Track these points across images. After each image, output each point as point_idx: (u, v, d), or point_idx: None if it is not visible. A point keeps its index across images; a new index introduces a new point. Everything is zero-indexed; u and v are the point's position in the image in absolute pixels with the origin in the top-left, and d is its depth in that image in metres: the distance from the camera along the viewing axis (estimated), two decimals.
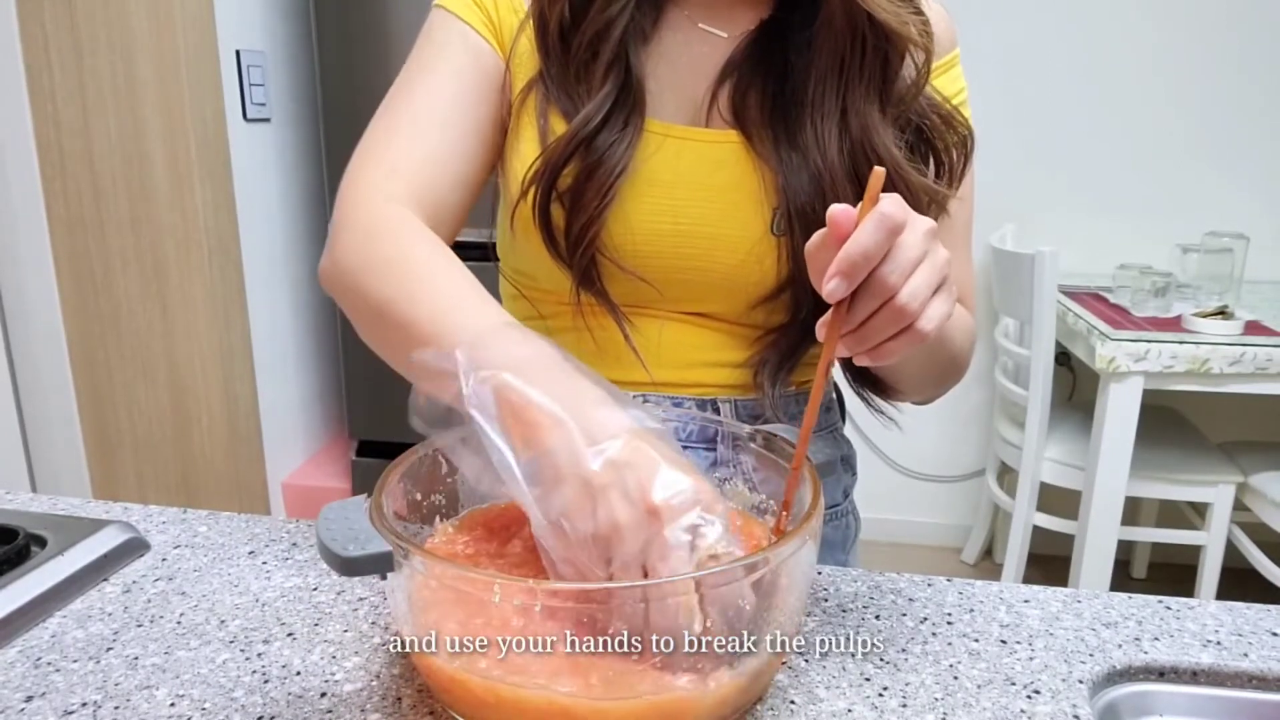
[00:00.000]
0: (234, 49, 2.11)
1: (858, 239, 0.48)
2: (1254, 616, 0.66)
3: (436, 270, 0.62)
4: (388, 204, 0.67)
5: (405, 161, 0.69)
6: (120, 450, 2.20)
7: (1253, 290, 2.35)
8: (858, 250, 0.48)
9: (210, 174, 2.04)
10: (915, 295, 0.50)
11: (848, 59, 0.69)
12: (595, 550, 0.47)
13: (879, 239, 0.48)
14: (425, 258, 0.63)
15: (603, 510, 0.46)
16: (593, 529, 0.46)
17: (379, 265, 0.64)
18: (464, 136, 0.72)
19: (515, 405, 0.49)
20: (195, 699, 0.54)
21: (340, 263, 0.66)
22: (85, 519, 0.73)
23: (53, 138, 2.00)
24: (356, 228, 0.66)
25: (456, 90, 0.72)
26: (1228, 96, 2.43)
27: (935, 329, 0.52)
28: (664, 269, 0.73)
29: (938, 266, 0.52)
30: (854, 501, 0.89)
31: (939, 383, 0.79)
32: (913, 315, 0.50)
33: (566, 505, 0.47)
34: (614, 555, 0.46)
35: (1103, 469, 2.03)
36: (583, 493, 0.47)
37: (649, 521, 0.45)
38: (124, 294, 2.09)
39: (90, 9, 1.92)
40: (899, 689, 0.56)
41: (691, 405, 0.76)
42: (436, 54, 0.73)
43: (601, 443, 0.47)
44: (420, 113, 0.71)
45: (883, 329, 0.51)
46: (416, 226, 0.66)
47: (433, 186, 0.70)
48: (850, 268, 0.49)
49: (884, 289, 0.50)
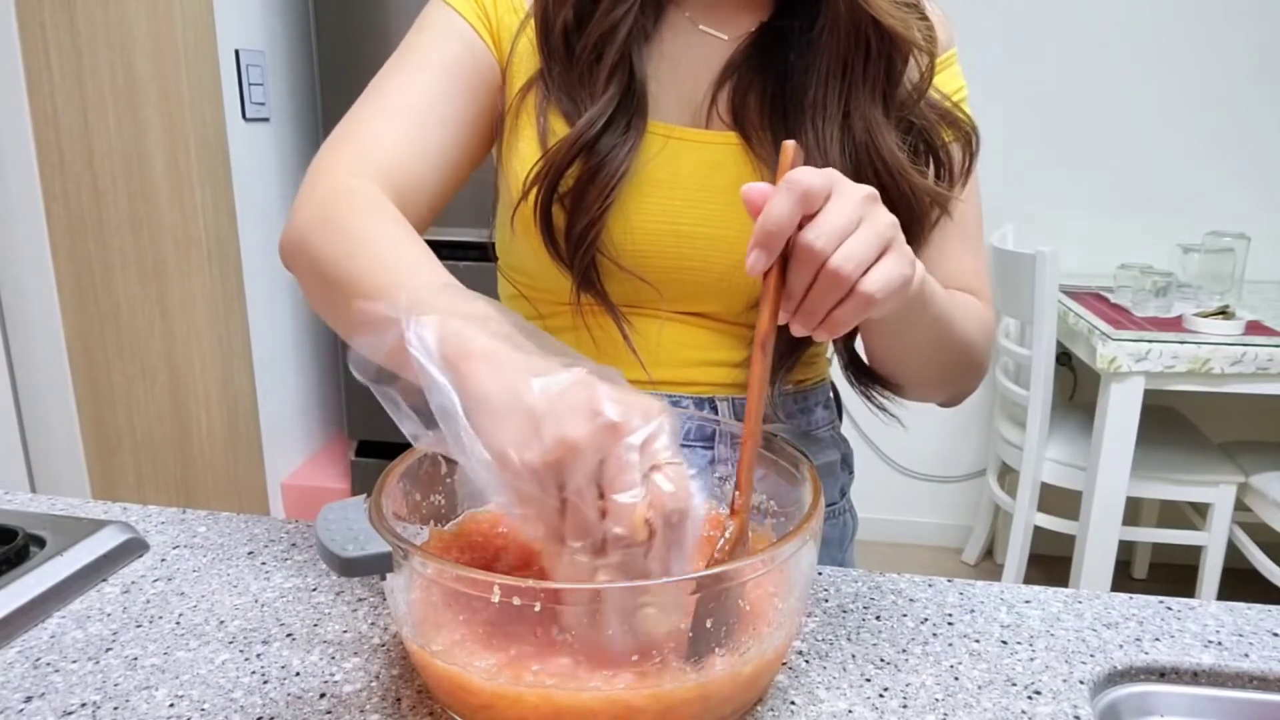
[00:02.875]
0: (233, 49, 2.11)
1: (767, 209, 0.49)
2: (1255, 617, 0.66)
3: (385, 235, 0.61)
4: (351, 178, 0.66)
5: (378, 141, 0.69)
6: (119, 450, 2.20)
7: (1254, 290, 2.35)
8: (769, 220, 0.49)
9: (210, 174, 2.04)
10: (849, 258, 0.50)
11: (851, 62, 0.69)
12: (546, 476, 0.44)
13: (788, 205, 0.49)
14: (376, 225, 0.62)
15: (550, 435, 0.43)
16: (540, 454, 0.43)
17: (332, 232, 0.63)
18: (443, 123, 0.71)
19: (456, 347, 0.47)
20: (194, 699, 0.54)
21: (296, 232, 0.66)
22: (84, 519, 0.73)
23: (53, 138, 2.00)
24: (315, 199, 0.66)
25: (442, 79, 0.71)
26: (1229, 96, 2.43)
27: (881, 289, 0.51)
28: (663, 269, 0.73)
29: (878, 230, 0.51)
30: (851, 500, 0.89)
31: (951, 375, 0.77)
32: (849, 278, 0.50)
33: (512, 436, 0.44)
34: (568, 477, 0.44)
35: (1103, 469, 2.03)
36: (527, 423, 0.44)
37: (600, 434, 0.43)
38: (124, 294, 2.09)
39: (90, 9, 1.92)
40: (899, 689, 0.56)
41: (690, 404, 0.76)
42: (426, 43, 0.73)
43: (548, 377, 0.45)
44: (401, 96, 0.71)
45: (824, 298, 0.51)
46: (375, 199, 0.65)
47: (404, 167, 0.69)
48: (765, 238, 0.49)
49: (811, 255, 0.50)
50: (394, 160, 0.69)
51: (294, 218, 0.67)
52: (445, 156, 0.72)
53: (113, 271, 2.07)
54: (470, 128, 0.73)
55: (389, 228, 0.62)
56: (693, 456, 0.70)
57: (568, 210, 0.70)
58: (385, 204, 0.65)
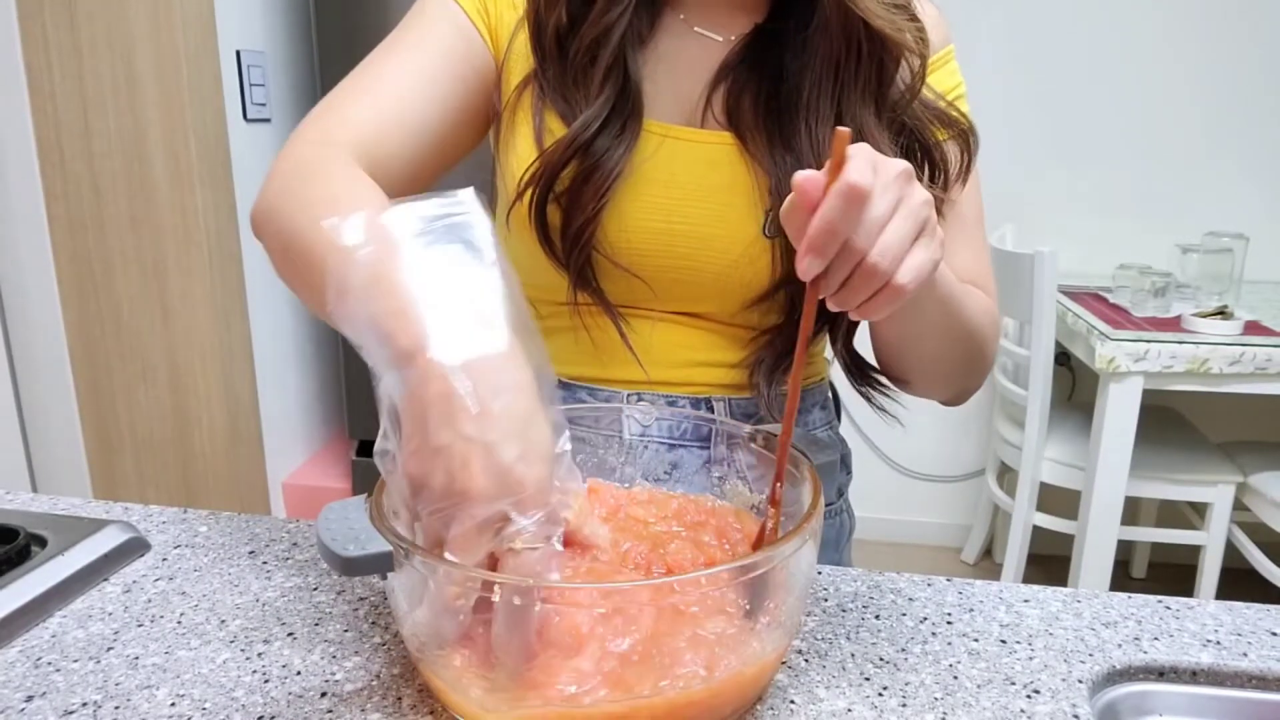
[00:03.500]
0: (234, 49, 2.11)
1: (824, 215, 0.47)
2: (1253, 616, 0.66)
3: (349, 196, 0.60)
4: (322, 147, 0.66)
5: (359, 115, 0.69)
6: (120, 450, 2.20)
7: (1252, 290, 2.35)
8: (825, 226, 0.47)
9: (210, 174, 2.04)
10: (885, 252, 0.49)
11: (843, 64, 0.69)
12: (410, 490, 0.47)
13: (845, 211, 0.47)
14: (341, 188, 0.61)
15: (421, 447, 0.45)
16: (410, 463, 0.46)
17: (296, 198, 0.62)
18: (428, 102, 0.71)
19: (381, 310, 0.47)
20: (195, 699, 0.54)
21: (263, 200, 0.65)
22: (85, 519, 0.73)
23: (53, 138, 2.00)
24: (288, 167, 0.65)
25: (429, 61, 0.71)
26: (1228, 96, 2.43)
27: (915, 280, 0.51)
28: (657, 268, 0.73)
29: (913, 212, 0.50)
30: (849, 499, 0.89)
31: (959, 369, 0.76)
32: (886, 273, 0.50)
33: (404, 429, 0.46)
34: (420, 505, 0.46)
35: (1102, 469, 2.03)
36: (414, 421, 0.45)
37: (454, 497, 0.45)
38: (124, 294, 2.09)
39: (90, 9, 1.92)
40: (899, 689, 0.56)
41: (686, 404, 0.77)
42: (420, 28, 0.73)
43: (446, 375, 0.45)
44: (388, 74, 0.71)
45: (860, 290, 0.51)
46: (349, 170, 0.64)
47: (381, 143, 0.68)
48: (820, 246, 0.48)
49: (853, 255, 0.49)
50: (370, 134, 0.68)
51: (264, 187, 0.66)
52: (424, 133, 0.71)
53: (113, 271, 2.07)
54: (454, 114, 0.73)
55: (357, 191, 0.61)
56: (689, 456, 0.70)
57: (563, 209, 0.71)
58: (356, 172, 0.64)
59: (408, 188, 0.72)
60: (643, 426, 0.70)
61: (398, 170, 0.70)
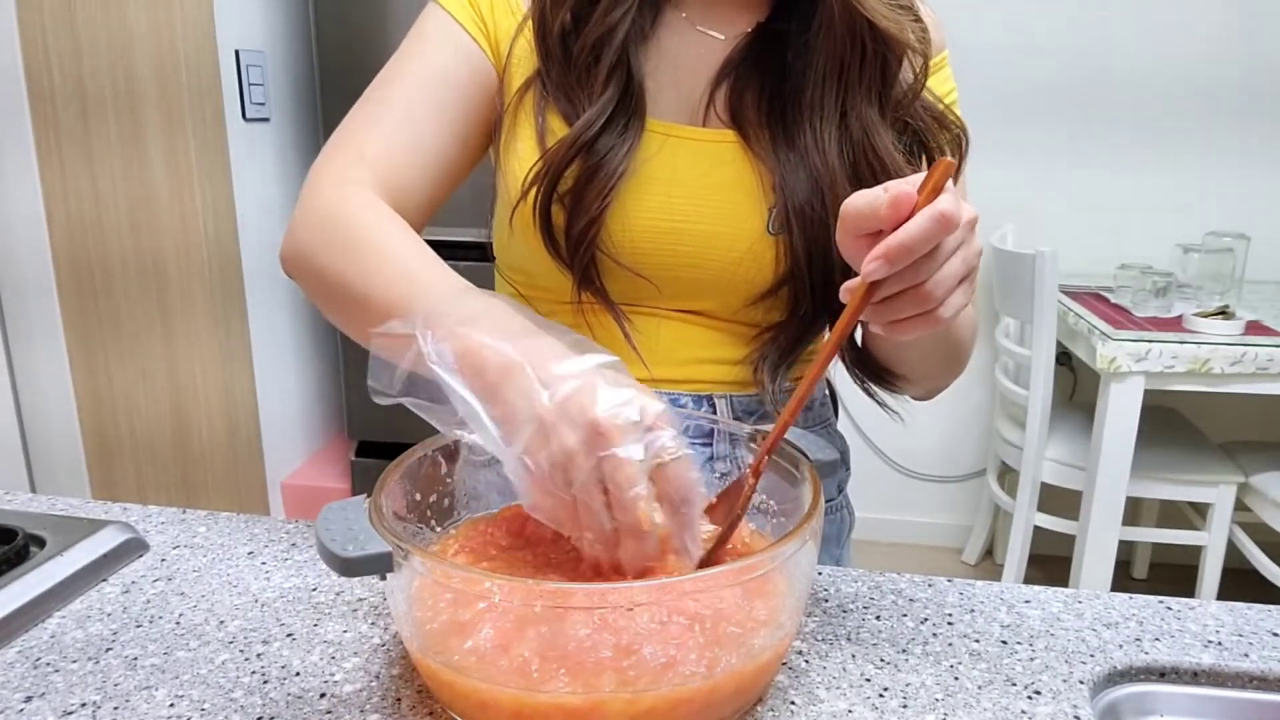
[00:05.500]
0: (233, 49, 2.11)
1: (912, 231, 0.48)
2: (1255, 617, 0.66)
3: (391, 244, 0.63)
4: (348, 186, 0.68)
5: (374, 148, 0.70)
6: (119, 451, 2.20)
7: (1254, 290, 2.35)
8: (909, 241, 0.48)
9: (209, 174, 2.04)
10: (940, 283, 0.51)
11: (847, 63, 0.69)
12: (558, 479, 0.48)
13: (931, 235, 0.48)
14: (382, 235, 0.64)
15: (555, 442, 0.48)
16: (548, 459, 0.48)
17: (336, 245, 0.65)
18: (439, 128, 0.72)
19: (473, 361, 0.50)
20: (194, 699, 0.54)
21: (299, 245, 0.67)
22: (84, 519, 0.73)
23: (53, 139, 2.00)
24: (315, 210, 0.67)
25: (437, 85, 0.72)
26: (1228, 96, 2.42)
27: (952, 317, 0.53)
28: (661, 265, 0.73)
29: (969, 258, 0.52)
30: (848, 496, 0.89)
31: (942, 370, 0.79)
32: (935, 302, 0.51)
33: (527, 444, 0.48)
34: (572, 477, 0.48)
35: (1103, 469, 2.03)
36: (538, 431, 0.48)
37: (596, 441, 0.47)
38: (124, 295, 2.09)
39: (90, 9, 1.92)
40: (899, 689, 0.56)
41: (688, 402, 0.77)
42: (422, 48, 0.73)
43: (554, 386, 0.49)
44: (397, 102, 0.71)
45: (903, 309, 0.52)
46: (376, 207, 0.66)
47: (400, 174, 0.70)
48: (897, 256, 0.49)
49: (915, 275, 0.50)
50: (388, 167, 0.70)
51: (293, 230, 0.68)
52: (439, 161, 0.73)
53: (113, 272, 2.07)
54: (464, 132, 0.74)
55: (394, 235, 0.64)
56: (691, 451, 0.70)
57: (567, 209, 0.71)
58: (382, 209, 0.66)
59: (430, 210, 0.75)
60: None
61: (417, 197, 0.72)
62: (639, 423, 0.48)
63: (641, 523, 0.48)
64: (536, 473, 0.49)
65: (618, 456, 0.47)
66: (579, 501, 0.48)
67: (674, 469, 0.49)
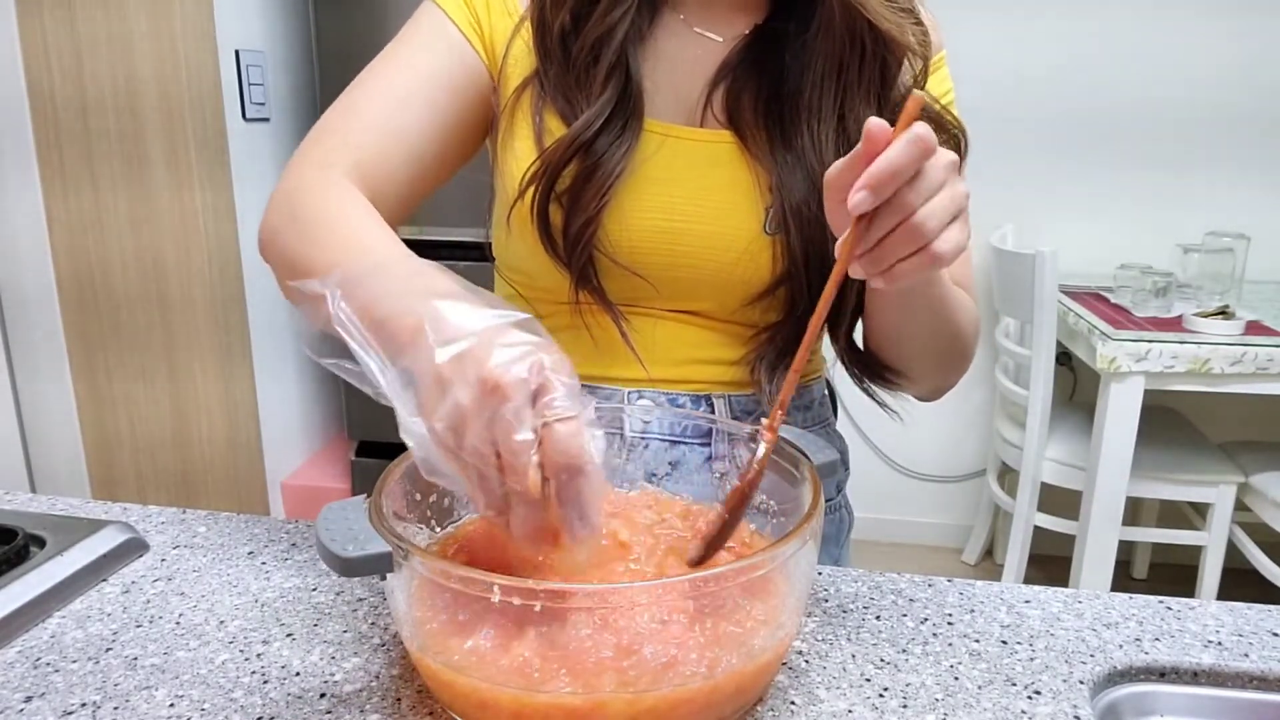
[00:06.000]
0: (233, 49, 2.11)
1: (890, 155, 0.49)
2: (1255, 617, 0.66)
3: (346, 221, 0.63)
4: (323, 170, 0.68)
5: (355, 136, 0.70)
6: (119, 451, 2.20)
7: (1254, 290, 2.35)
8: (890, 166, 0.49)
9: (209, 174, 2.04)
10: (932, 214, 0.51)
11: (846, 65, 0.69)
12: (450, 440, 0.46)
13: (911, 157, 0.49)
14: (339, 214, 0.64)
15: (449, 399, 0.46)
16: (442, 421, 0.46)
17: (297, 221, 0.65)
18: (421, 121, 0.72)
19: (375, 318, 0.49)
20: (194, 699, 0.54)
21: (266, 223, 0.68)
22: (84, 519, 0.73)
23: (53, 138, 2.00)
24: (285, 192, 0.68)
25: (424, 78, 0.72)
26: (1228, 96, 2.42)
27: (951, 252, 0.52)
28: (658, 266, 0.73)
29: (957, 196, 0.52)
30: (847, 496, 0.89)
31: (943, 364, 0.78)
32: (929, 235, 0.51)
33: (422, 403, 0.47)
34: (463, 440, 0.46)
35: (1103, 469, 2.02)
36: (434, 388, 0.47)
37: (488, 399, 0.45)
38: (124, 294, 2.09)
39: (90, 9, 1.92)
40: (899, 689, 0.56)
41: (686, 402, 0.77)
42: (414, 44, 0.74)
43: (450, 341, 0.47)
44: (381, 92, 0.72)
45: (898, 248, 0.52)
46: (342, 189, 0.66)
47: (378, 162, 0.70)
48: (879, 182, 0.49)
49: (904, 207, 0.50)
50: (367, 154, 0.70)
51: (266, 212, 0.69)
52: (421, 154, 0.72)
53: (112, 271, 2.07)
54: (451, 129, 0.74)
55: (348, 213, 0.64)
56: (690, 454, 0.70)
57: (565, 209, 0.71)
58: (351, 192, 0.66)
59: (409, 202, 0.74)
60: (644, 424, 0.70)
61: (398, 187, 0.72)
62: (529, 379, 0.45)
63: (530, 489, 0.45)
64: (432, 435, 0.47)
65: (507, 418, 0.45)
66: (470, 466, 0.46)
67: (559, 431, 0.45)
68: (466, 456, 0.46)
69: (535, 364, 0.46)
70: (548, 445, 0.45)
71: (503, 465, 0.45)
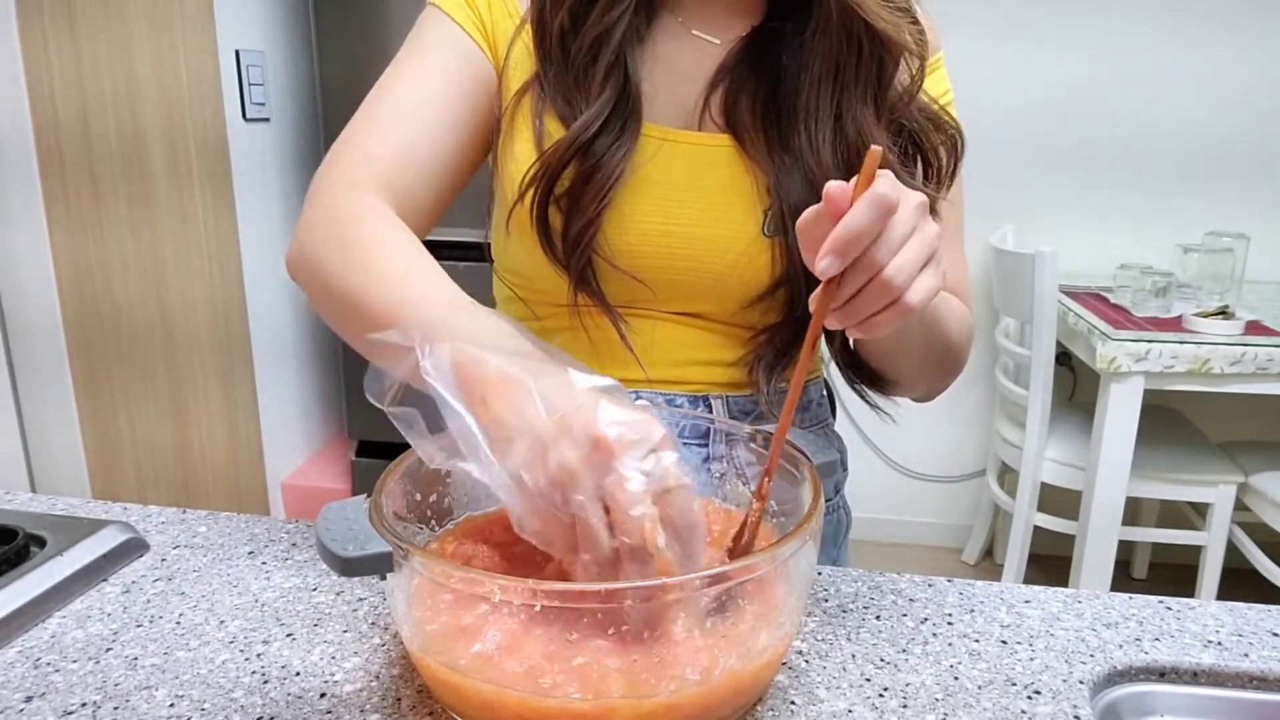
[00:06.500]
0: (233, 49, 2.11)
1: (852, 219, 0.49)
2: (1255, 617, 0.66)
3: (392, 250, 0.63)
4: (353, 190, 0.68)
5: (378, 151, 0.70)
6: (120, 451, 2.20)
7: (1253, 290, 2.35)
8: (852, 230, 0.49)
9: (210, 174, 2.04)
10: (901, 269, 0.51)
11: (843, 65, 0.69)
12: (555, 496, 0.47)
13: (873, 219, 0.49)
14: (382, 238, 0.64)
15: (554, 457, 0.47)
16: (545, 475, 0.47)
17: (337, 248, 0.64)
18: (441, 130, 0.72)
19: (471, 373, 0.50)
20: (195, 699, 0.54)
21: (302, 248, 0.67)
22: (84, 519, 0.73)
23: (53, 138, 2.00)
24: (319, 214, 0.68)
25: (439, 86, 0.72)
26: (1228, 96, 2.42)
27: (922, 301, 0.52)
28: (657, 269, 0.73)
29: (926, 241, 0.52)
30: (845, 497, 0.89)
31: (936, 374, 0.79)
32: (898, 290, 0.51)
33: (522, 460, 0.47)
34: (570, 495, 0.46)
35: (1103, 469, 2.03)
36: (536, 446, 0.47)
37: (597, 456, 0.46)
38: (124, 294, 2.09)
39: (90, 9, 1.92)
40: (899, 689, 0.56)
41: (684, 403, 0.77)
42: (423, 51, 0.73)
43: (555, 402, 0.48)
44: (399, 105, 0.71)
45: (870, 303, 0.52)
46: (379, 211, 0.66)
47: (404, 176, 0.70)
48: (844, 247, 0.49)
49: (871, 265, 0.50)
50: (392, 170, 0.70)
51: (299, 234, 0.68)
52: (442, 164, 0.72)
53: (113, 272, 2.07)
54: (467, 134, 0.74)
55: (395, 241, 0.64)
56: (688, 454, 0.70)
57: (564, 212, 0.71)
58: (386, 213, 0.66)
59: (436, 213, 0.74)
60: None
61: (421, 198, 0.72)
62: (641, 442, 0.47)
63: (648, 543, 0.46)
64: (532, 490, 0.48)
65: (621, 474, 0.46)
66: (577, 521, 0.47)
67: (680, 495, 0.48)
68: (575, 512, 0.47)
69: (645, 429, 0.47)
70: (668, 507, 0.47)
71: (613, 522, 0.46)
